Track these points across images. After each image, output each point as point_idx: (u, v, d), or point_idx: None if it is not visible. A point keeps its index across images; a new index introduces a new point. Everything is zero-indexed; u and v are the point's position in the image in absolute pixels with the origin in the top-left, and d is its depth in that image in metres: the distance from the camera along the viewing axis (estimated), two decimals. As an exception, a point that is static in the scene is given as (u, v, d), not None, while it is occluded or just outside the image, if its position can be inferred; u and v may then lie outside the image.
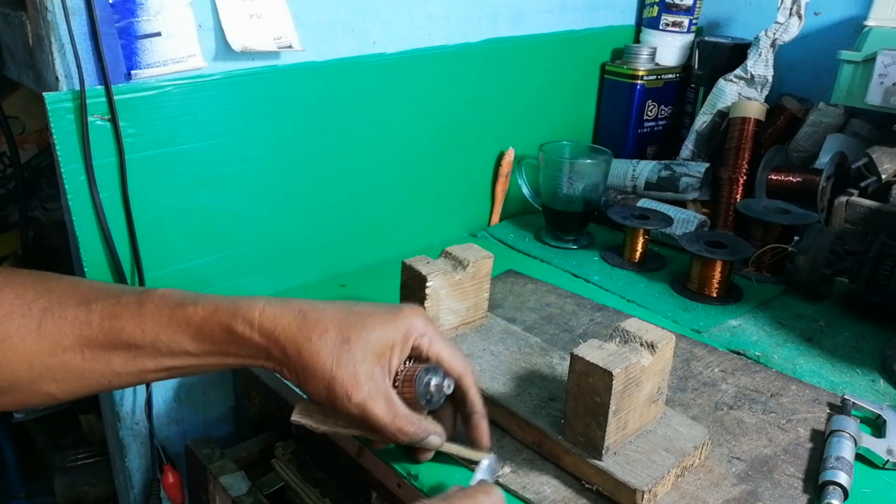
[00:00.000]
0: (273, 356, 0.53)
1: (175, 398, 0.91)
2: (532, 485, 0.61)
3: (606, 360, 0.56)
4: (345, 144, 0.94)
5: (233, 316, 0.52)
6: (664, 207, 1.08)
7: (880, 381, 0.77)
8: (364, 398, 0.52)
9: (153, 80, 0.75)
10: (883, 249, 0.85)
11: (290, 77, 0.85)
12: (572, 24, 1.17)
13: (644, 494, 0.56)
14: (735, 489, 0.61)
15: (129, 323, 0.52)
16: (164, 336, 0.52)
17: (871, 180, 0.99)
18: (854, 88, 1.01)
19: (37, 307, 0.51)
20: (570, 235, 1.10)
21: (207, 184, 0.82)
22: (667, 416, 0.64)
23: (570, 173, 1.07)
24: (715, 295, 0.93)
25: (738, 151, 1.09)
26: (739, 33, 1.25)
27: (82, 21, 0.69)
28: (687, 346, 0.82)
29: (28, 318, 0.51)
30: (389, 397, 0.53)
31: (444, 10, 0.99)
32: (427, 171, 1.05)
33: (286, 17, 0.82)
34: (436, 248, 0.78)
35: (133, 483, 0.91)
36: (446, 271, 0.73)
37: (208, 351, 0.53)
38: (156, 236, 0.80)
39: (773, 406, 0.72)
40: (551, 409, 0.65)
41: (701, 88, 1.20)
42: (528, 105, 1.16)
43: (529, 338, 0.77)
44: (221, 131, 0.82)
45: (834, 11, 1.15)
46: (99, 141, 0.73)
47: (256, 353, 0.53)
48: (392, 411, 0.53)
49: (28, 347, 0.50)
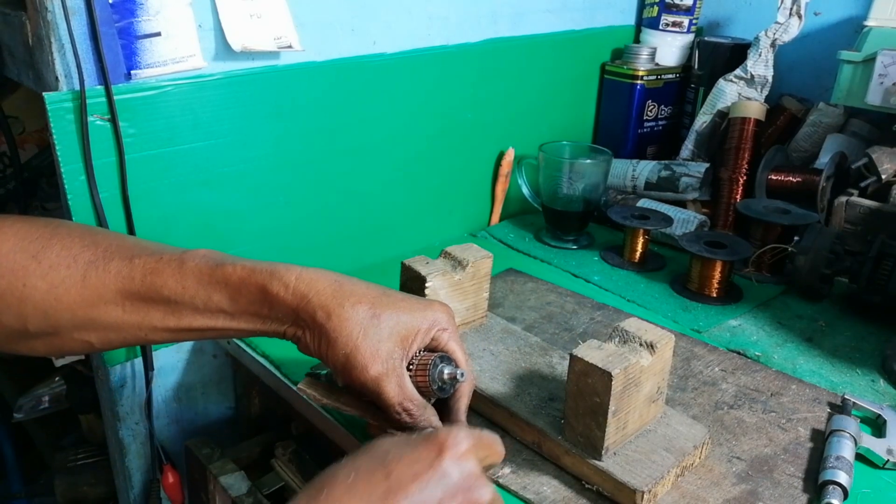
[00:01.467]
0: (300, 319, 0.54)
1: (175, 398, 0.91)
2: (532, 485, 0.61)
3: (605, 360, 0.56)
4: (345, 144, 0.94)
5: (270, 277, 0.53)
6: (664, 207, 1.08)
7: (880, 381, 0.77)
8: (380, 373, 0.53)
9: (153, 80, 0.75)
10: (883, 249, 0.85)
11: (290, 77, 0.85)
12: (572, 24, 1.17)
13: (644, 494, 0.56)
14: (735, 489, 0.61)
15: (170, 279, 0.53)
16: (202, 293, 0.54)
17: (871, 180, 0.99)
18: (854, 88, 1.01)
19: (82, 259, 0.53)
20: (570, 235, 1.10)
21: (207, 184, 0.82)
22: (667, 416, 0.64)
23: (570, 173, 1.07)
24: (715, 295, 0.93)
25: (738, 151, 1.09)
26: (739, 33, 1.25)
27: (82, 21, 0.69)
28: (687, 346, 0.82)
29: (73, 270, 0.53)
30: (402, 379, 0.55)
31: (443, 10, 0.99)
32: (427, 171, 1.05)
33: (286, 17, 0.82)
34: (436, 248, 0.78)
35: (133, 483, 0.92)
36: (446, 271, 0.73)
37: (243, 310, 0.54)
38: (156, 236, 0.80)
39: (774, 405, 0.72)
40: (551, 409, 0.65)
41: (701, 88, 1.20)
42: (527, 105, 1.16)
43: (529, 337, 0.76)
44: (221, 131, 0.82)
45: (834, 11, 1.15)
46: (99, 141, 0.73)
47: (285, 315, 0.54)
48: (402, 392, 0.54)
49: (72, 298, 0.53)
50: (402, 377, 0.55)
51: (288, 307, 0.54)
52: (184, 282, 0.53)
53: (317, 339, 0.54)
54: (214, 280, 0.54)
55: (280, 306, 0.54)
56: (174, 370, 0.90)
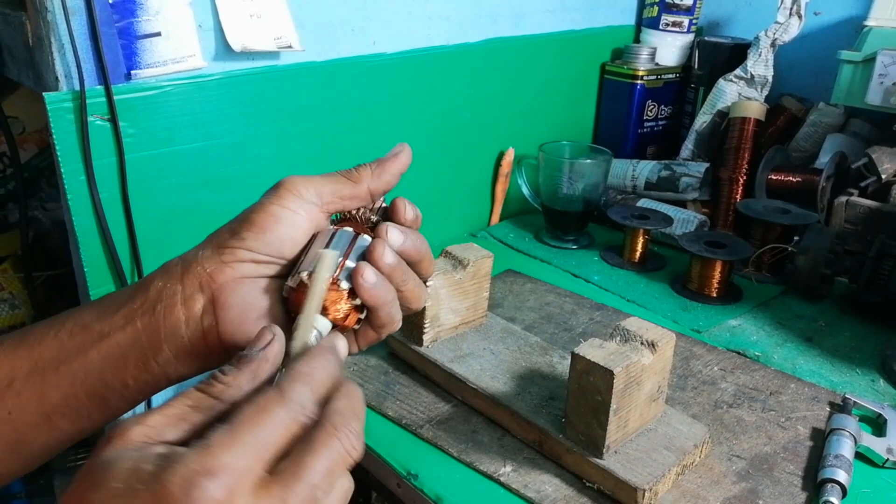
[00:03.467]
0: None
1: (175, 398, 0.91)
2: (533, 483, 0.61)
3: (607, 358, 0.56)
4: (345, 144, 0.94)
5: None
6: (664, 207, 1.08)
7: (880, 380, 0.77)
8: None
9: (153, 80, 0.75)
10: (883, 249, 0.85)
11: (290, 77, 0.85)
12: (572, 24, 1.17)
13: (645, 493, 0.56)
14: (735, 487, 0.61)
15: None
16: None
17: (871, 180, 0.99)
18: (854, 88, 1.01)
19: None
20: (569, 235, 1.10)
21: (207, 184, 0.82)
22: (667, 415, 0.64)
23: (570, 173, 1.07)
24: (715, 295, 0.93)
25: (738, 151, 1.09)
26: (739, 33, 1.25)
27: (82, 21, 0.69)
28: (686, 345, 0.82)
29: None
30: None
31: (443, 10, 0.99)
32: (427, 171, 1.05)
33: (286, 17, 0.83)
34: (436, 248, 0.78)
35: (133, 483, 0.91)
36: (446, 271, 0.73)
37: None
38: (156, 236, 0.80)
39: (773, 404, 0.72)
40: (552, 407, 0.65)
41: (701, 88, 1.20)
42: (527, 105, 1.16)
43: (529, 337, 0.77)
44: (221, 131, 0.82)
45: (834, 11, 1.15)
46: (99, 141, 0.73)
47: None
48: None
49: None
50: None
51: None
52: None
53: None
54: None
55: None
56: (174, 370, 0.90)
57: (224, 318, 0.42)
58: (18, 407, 0.41)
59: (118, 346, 0.42)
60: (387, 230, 0.45)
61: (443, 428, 0.68)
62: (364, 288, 0.42)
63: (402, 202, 0.48)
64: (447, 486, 0.61)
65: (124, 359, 0.42)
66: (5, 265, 1.14)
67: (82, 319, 0.43)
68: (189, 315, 0.42)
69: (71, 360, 0.42)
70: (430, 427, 0.68)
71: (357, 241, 0.44)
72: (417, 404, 0.71)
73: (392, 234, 0.45)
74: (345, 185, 0.46)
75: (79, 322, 0.43)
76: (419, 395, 0.72)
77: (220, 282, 0.42)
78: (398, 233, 0.45)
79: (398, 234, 0.45)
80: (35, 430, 0.42)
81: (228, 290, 0.42)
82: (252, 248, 0.42)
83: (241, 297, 0.42)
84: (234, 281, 0.42)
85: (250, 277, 0.43)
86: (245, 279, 0.43)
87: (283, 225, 0.43)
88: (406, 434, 0.68)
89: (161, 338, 0.42)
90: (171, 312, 0.42)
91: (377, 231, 0.45)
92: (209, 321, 0.42)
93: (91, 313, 0.43)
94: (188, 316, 0.42)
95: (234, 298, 0.42)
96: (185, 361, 0.43)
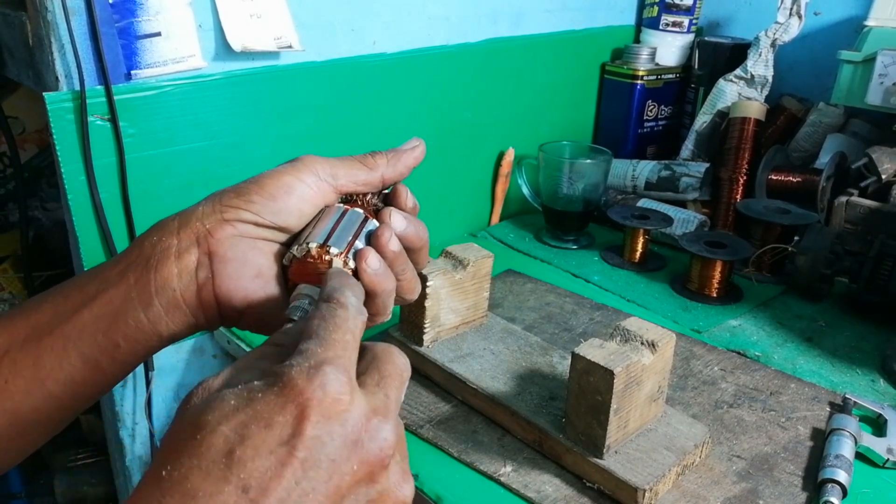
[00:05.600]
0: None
1: (175, 398, 0.91)
2: (533, 483, 0.61)
3: (608, 358, 0.56)
4: (345, 144, 0.94)
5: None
6: (664, 207, 1.08)
7: (880, 380, 0.77)
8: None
9: (153, 80, 0.75)
10: (883, 249, 0.85)
11: (290, 77, 0.85)
12: (572, 24, 1.17)
13: (645, 493, 0.56)
14: (735, 487, 0.61)
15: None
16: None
17: (871, 180, 0.99)
18: (854, 88, 1.01)
19: None
20: (570, 235, 1.10)
21: (207, 184, 0.82)
22: (667, 415, 0.64)
23: (570, 173, 1.07)
24: (715, 295, 0.93)
25: (738, 151, 1.09)
26: (739, 33, 1.25)
27: (82, 21, 0.69)
28: (686, 345, 0.82)
29: None
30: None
31: (443, 11, 0.99)
32: (427, 171, 1.05)
33: (286, 17, 0.83)
34: (436, 248, 0.78)
35: (133, 483, 0.91)
36: (446, 271, 0.73)
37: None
38: (156, 236, 0.80)
39: (773, 404, 0.72)
40: (552, 407, 0.65)
41: (701, 88, 1.20)
42: (527, 105, 1.16)
43: (530, 337, 0.77)
44: (221, 131, 0.82)
45: (834, 11, 1.15)
46: (99, 141, 0.73)
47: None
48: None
49: None
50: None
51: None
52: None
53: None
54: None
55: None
56: (174, 370, 0.90)
57: (221, 272, 0.42)
58: (14, 373, 0.41)
59: (110, 303, 0.42)
60: (391, 215, 0.45)
61: (443, 428, 0.68)
62: (367, 273, 0.43)
63: (404, 189, 0.49)
64: (447, 486, 0.61)
65: (115, 315, 0.42)
66: (5, 265, 1.14)
67: (79, 281, 0.43)
68: (182, 268, 0.42)
69: (65, 322, 0.42)
70: (430, 427, 0.68)
71: (367, 224, 0.45)
72: (417, 404, 0.71)
73: (396, 219, 0.45)
74: (361, 170, 0.47)
75: (76, 284, 0.43)
76: (419, 395, 0.72)
77: (217, 237, 0.42)
78: (402, 218, 0.46)
79: (402, 220, 0.46)
80: (30, 397, 0.42)
81: (227, 244, 0.43)
82: (258, 213, 0.43)
83: (241, 252, 0.43)
84: (232, 237, 0.43)
85: (249, 237, 0.43)
86: (243, 238, 0.43)
87: (294, 197, 0.44)
88: (406, 434, 0.67)
89: (151, 291, 0.42)
90: (164, 265, 0.42)
91: (381, 216, 0.46)
92: (205, 274, 0.42)
93: (88, 275, 0.44)
94: (181, 269, 0.42)
95: (232, 252, 0.43)
96: (176, 317, 0.43)
